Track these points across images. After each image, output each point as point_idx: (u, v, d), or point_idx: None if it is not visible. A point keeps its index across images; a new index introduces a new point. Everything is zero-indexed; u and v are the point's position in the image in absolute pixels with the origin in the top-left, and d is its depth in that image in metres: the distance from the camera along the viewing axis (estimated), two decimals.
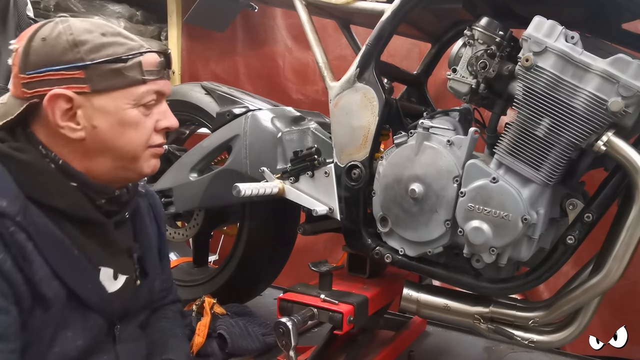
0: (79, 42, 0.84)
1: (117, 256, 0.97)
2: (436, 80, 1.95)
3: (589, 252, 1.19)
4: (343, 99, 1.33)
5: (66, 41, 0.84)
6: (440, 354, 1.66)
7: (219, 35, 2.79)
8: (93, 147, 0.88)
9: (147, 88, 0.90)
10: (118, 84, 0.87)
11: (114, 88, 0.87)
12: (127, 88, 0.88)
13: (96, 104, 0.86)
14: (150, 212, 1.13)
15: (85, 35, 0.85)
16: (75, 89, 0.84)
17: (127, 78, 0.87)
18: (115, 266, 0.95)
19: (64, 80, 0.84)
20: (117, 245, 0.97)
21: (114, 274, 0.94)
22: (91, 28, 0.87)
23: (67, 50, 0.84)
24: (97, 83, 0.85)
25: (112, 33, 0.88)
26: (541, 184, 1.08)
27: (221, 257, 2.79)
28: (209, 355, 1.49)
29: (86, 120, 0.86)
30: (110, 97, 0.87)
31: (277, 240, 1.75)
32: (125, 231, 1.01)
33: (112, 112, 0.87)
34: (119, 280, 0.96)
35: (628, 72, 0.98)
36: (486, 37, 1.14)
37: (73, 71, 0.84)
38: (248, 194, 1.28)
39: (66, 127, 0.85)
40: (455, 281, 1.23)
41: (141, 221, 1.07)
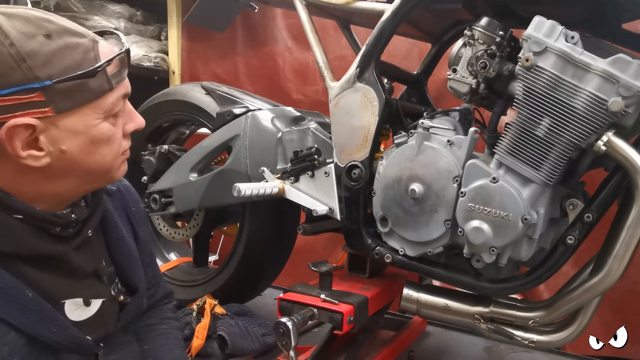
0: (25, 54, 0.68)
1: (85, 281, 0.85)
2: (436, 80, 1.95)
3: (589, 252, 1.19)
4: (343, 99, 1.33)
5: (8, 55, 0.68)
6: (440, 354, 1.66)
7: (219, 35, 2.79)
8: (59, 171, 0.76)
9: (115, 95, 0.78)
10: (86, 99, 0.74)
11: (82, 104, 0.74)
12: (95, 101, 0.75)
13: (62, 125, 0.73)
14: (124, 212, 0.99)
15: (29, 42, 0.69)
16: (35, 115, 0.70)
17: (93, 91, 0.74)
18: (84, 293, 0.84)
19: (18, 105, 0.69)
20: (81, 270, 0.84)
21: (84, 302, 0.84)
22: (30, 30, 0.70)
23: (14, 68, 0.68)
24: (61, 103, 0.72)
25: (58, 32, 0.72)
26: (541, 184, 1.08)
27: (221, 257, 2.79)
28: (209, 355, 1.49)
29: (51, 145, 0.73)
30: (78, 114, 0.74)
31: (277, 240, 1.75)
32: (90, 250, 0.87)
33: (82, 131, 0.75)
34: (92, 305, 0.85)
35: (628, 72, 0.98)
36: (486, 37, 1.14)
37: (28, 94, 0.69)
38: (248, 194, 1.28)
39: (28, 157, 0.72)
40: (455, 281, 1.23)
41: (113, 229, 0.93)
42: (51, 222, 0.78)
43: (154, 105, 1.86)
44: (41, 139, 0.73)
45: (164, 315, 1.13)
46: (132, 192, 1.05)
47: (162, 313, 1.13)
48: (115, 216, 0.95)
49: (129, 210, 1.01)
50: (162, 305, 1.16)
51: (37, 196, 0.77)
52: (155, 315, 1.12)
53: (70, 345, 0.80)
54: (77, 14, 2.73)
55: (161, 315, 1.12)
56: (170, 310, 1.16)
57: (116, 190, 0.99)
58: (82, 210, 0.85)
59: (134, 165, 1.94)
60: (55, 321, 0.78)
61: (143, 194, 1.77)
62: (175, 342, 1.09)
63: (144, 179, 1.80)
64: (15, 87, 0.68)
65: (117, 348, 0.93)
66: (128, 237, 0.97)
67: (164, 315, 1.13)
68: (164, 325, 1.10)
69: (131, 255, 0.96)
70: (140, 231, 1.03)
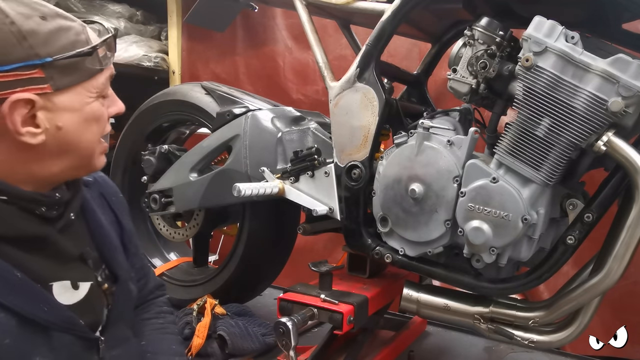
0: (27, 32, 0.72)
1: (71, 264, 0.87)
2: (436, 80, 1.95)
3: (589, 252, 1.19)
4: (343, 99, 1.33)
5: (9, 33, 0.71)
6: (440, 354, 1.66)
7: (219, 35, 2.79)
8: (52, 150, 0.79)
9: (105, 76, 0.83)
10: (81, 77, 0.79)
11: (77, 82, 0.78)
12: (89, 80, 0.80)
13: (59, 102, 0.77)
14: (102, 201, 1.00)
15: (27, 22, 0.73)
16: (34, 91, 0.74)
17: (88, 70, 0.79)
18: (71, 276, 0.85)
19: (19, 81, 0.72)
20: (67, 253, 0.86)
21: (72, 284, 0.85)
22: (26, 11, 0.74)
23: (15, 45, 0.72)
24: (59, 80, 0.76)
25: (51, 14, 0.77)
26: (541, 184, 1.08)
27: (221, 257, 2.79)
28: (209, 355, 1.49)
29: (48, 121, 0.77)
30: (73, 92, 0.79)
31: (277, 240, 1.75)
32: (74, 234, 0.89)
33: (78, 109, 0.79)
34: (81, 289, 0.86)
35: (628, 72, 0.98)
36: (486, 37, 1.14)
37: (29, 70, 0.73)
38: (248, 194, 1.28)
39: (27, 133, 0.75)
40: (455, 281, 1.23)
41: (93, 217, 0.95)
42: (37, 202, 0.80)
43: (154, 105, 1.86)
44: (39, 115, 0.76)
45: (159, 310, 1.13)
46: (109, 182, 1.07)
47: (157, 307, 1.14)
48: (93, 204, 0.97)
49: (109, 199, 1.03)
50: (155, 298, 1.16)
51: (24, 178, 0.79)
52: (150, 310, 1.12)
53: (62, 324, 0.81)
54: (77, 13, 2.73)
55: (156, 310, 1.13)
56: (164, 304, 1.16)
57: (92, 181, 1.01)
58: (64, 191, 0.87)
59: (134, 165, 1.95)
60: (45, 301, 0.80)
61: (143, 194, 1.78)
62: (172, 336, 1.09)
63: (144, 179, 1.80)
64: (17, 64, 0.72)
65: (118, 343, 0.93)
66: (107, 225, 0.98)
67: (158, 309, 1.13)
68: (159, 319, 1.11)
69: (111, 242, 0.97)
70: (124, 220, 1.04)
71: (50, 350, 0.80)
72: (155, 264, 1.95)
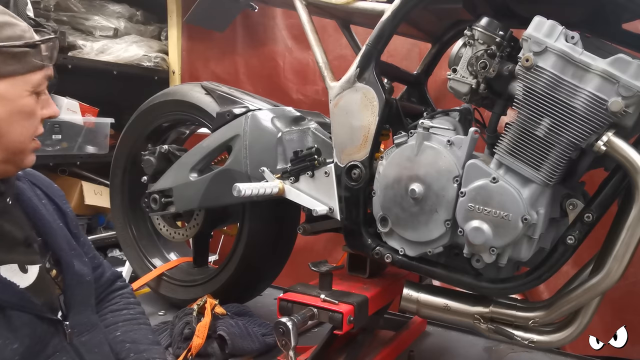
0: None
1: (15, 248, 0.87)
2: (436, 80, 1.95)
3: (589, 252, 1.19)
4: (343, 99, 1.33)
5: None
6: (440, 354, 1.66)
7: (219, 35, 2.79)
8: None
9: (43, 74, 0.85)
10: (21, 69, 0.80)
11: (15, 74, 0.80)
12: (27, 74, 0.82)
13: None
14: (36, 191, 1.01)
15: None
16: None
17: (29, 63, 0.81)
18: (18, 259, 0.86)
19: None
20: (11, 237, 0.87)
21: (20, 268, 0.86)
22: None
23: None
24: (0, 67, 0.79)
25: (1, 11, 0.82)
26: (541, 184, 1.08)
27: (221, 257, 2.79)
28: (209, 355, 1.49)
29: None
30: (10, 83, 0.80)
31: (277, 240, 1.75)
32: (13, 220, 0.90)
33: (11, 99, 0.80)
34: (30, 272, 0.87)
35: (628, 72, 0.98)
36: (486, 37, 1.14)
37: None
38: (248, 194, 1.28)
39: None
40: (455, 281, 1.23)
41: (29, 204, 0.95)
42: None
43: (154, 105, 1.86)
44: None
45: (127, 301, 1.15)
46: (39, 174, 1.08)
47: (124, 299, 1.15)
48: (28, 191, 0.97)
49: (45, 189, 1.03)
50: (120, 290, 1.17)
51: None
52: (118, 302, 1.14)
53: (17, 302, 0.82)
54: (77, 13, 2.73)
55: (124, 302, 1.14)
56: (130, 295, 1.18)
57: (22, 174, 1.01)
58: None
59: (133, 166, 1.95)
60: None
61: (143, 194, 1.78)
62: (146, 327, 1.12)
63: (144, 179, 1.80)
64: None
65: (85, 329, 0.95)
66: (45, 212, 0.98)
67: (126, 300, 1.15)
68: (130, 310, 1.13)
69: (51, 227, 0.97)
70: (64, 207, 1.05)
71: (9, 330, 0.80)
72: (155, 264, 1.95)
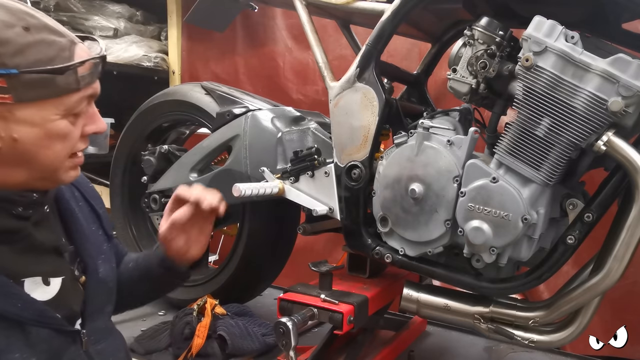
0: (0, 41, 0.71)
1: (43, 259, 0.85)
2: (436, 80, 1.95)
3: (589, 252, 1.19)
4: (343, 99, 1.33)
5: None
6: (440, 354, 1.66)
7: (219, 35, 2.79)
8: (9, 159, 0.77)
9: (80, 96, 0.79)
10: (48, 94, 0.75)
11: (43, 98, 0.75)
12: (57, 98, 0.76)
13: (18, 114, 0.74)
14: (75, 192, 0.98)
15: (6, 31, 0.71)
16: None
17: (58, 88, 0.75)
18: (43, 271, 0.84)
19: None
20: (41, 246, 0.84)
21: (43, 280, 0.83)
22: (11, 20, 0.72)
23: None
24: (23, 93, 0.73)
25: (38, 27, 0.74)
26: (541, 184, 1.08)
27: (221, 257, 2.79)
28: (209, 355, 1.49)
29: (4, 131, 0.74)
30: (37, 107, 0.75)
31: (277, 240, 1.75)
32: (48, 227, 0.88)
33: (38, 124, 0.76)
34: (52, 285, 0.84)
35: (628, 72, 0.98)
36: (486, 37, 1.14)
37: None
38: (248, 194, 1.28)
39: None
40: (455, 281, 1.23)
41: (67, 208, 0.93)
42: (14, 202, 0.79)
43: (154, 105, 1.86)
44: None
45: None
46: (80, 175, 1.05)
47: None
48: (67, 193, 0.95)
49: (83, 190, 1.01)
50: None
51: None
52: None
53: (37, 319, 0.80)
54: (77, 14, 2.73)
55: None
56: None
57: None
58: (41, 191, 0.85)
59: (133, 166, 1.95)
60: (19, 296, 0.78)
61: (143, 194, 1.78)
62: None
63: (144, 179, 1.80)
64: None
65: (102, 337, 0.93)
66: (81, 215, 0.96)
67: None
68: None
69: (83, 232, 0.95)
70: (100, 208, 1.02)
71: (28, 346, 0.79)
72: None
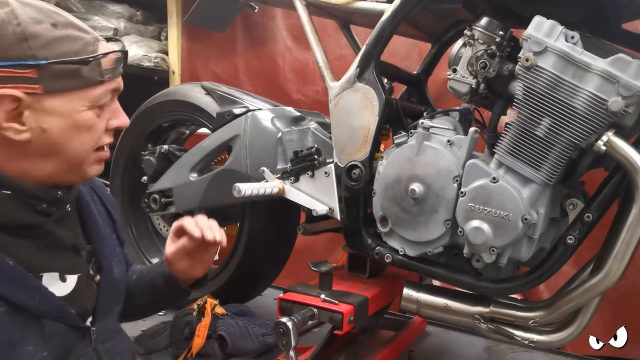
0: (29, 35, 0.75)
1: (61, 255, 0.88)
2: (436, 80, 1.95)
3: (589, 252, 1.19)
4: (343, 99, 1.33)
5: (13, 33, 0.74)
6: (440, 354, 1.66)
7: (219, 35, 2.79)
8: (38, 150, 0.80)
9: (104, 88, 0.83)
10: (74, 85, 0.79)
11: (70, 89, 0.79)
12: (83, 89, 0.80)
13: (47, 105, 0.78)
14: (94, 196, 1.01)
15: (35, 26, 0.76)
16: (24, 89, 0.75)
17: (84, 79, 0.80)
18: (60, 267, 0.86)
19: (11, 78, 0.75)
20: (61, 243, 0.87)
21: (60, 277, 0.86)
22: (39, 17, 0.77)
23: (14, 45, 0.74)
24: (51, 84, 0.77)
25: (64, 24, 0.79)
26: (541, 184, 1.08)
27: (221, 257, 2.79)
28: (209, 355, 1.49)
29: (34, 121, 0.78)
30: (65, 98, 0.79)
31: (277, 240, 1.75)
32: (69, 225, 0.91)
33: (66, 115, 0.80)
34: (68, 281, 0.87)
35: (628, 72, 0.98)
36: (486, 37, 1.14)
37: (23, 69, 0.75)
38: (248, 194, 1.28)
39: (10, 128, 0.77)
40: (455, 281, 1.23)
41: (86, 209, 0.97)
42: (39, 198, 0.82)
43: (154, 105, 1.86)
44: (25, 114, 0.77)
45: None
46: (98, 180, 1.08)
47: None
48: (87, 195, 0.98)
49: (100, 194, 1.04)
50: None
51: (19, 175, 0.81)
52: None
53: (54, 313, 0.82)
54: (77, 14, 2.73)
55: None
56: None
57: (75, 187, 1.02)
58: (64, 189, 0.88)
59: (133, 166, 1.95)
60: (37, 289, 0.81)
61: (143, 194, 1.78)
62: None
63: (144, 179, 1.80)
64: (12, 62, 0.74)
65: (110, 336, 0.96)
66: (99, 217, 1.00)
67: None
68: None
69: (101, 233, 0.98)
70: (116, 215, 1.06)
71: (42, 339, 0.81)
72: None
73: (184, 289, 1.09)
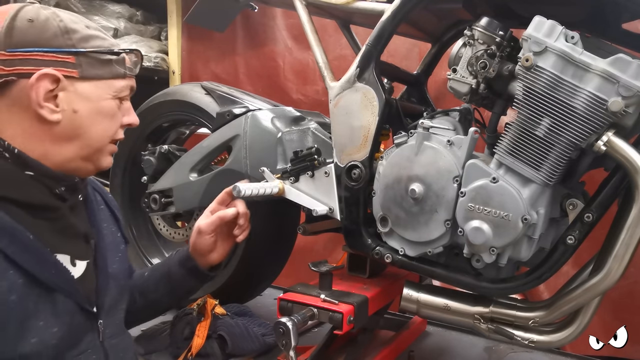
0: (70, 29, 0.88)
1: (73, 241, 0.94)
2: (436, 80, 1.95)
3: (589, 252, 1.19)
4: (343, 99, 1.33)
5: (57, 27, 0.87)
6: (440, 354, 1.66)
7: (219, 35, 2.79)
8: (64, 132, 0.89)
9: (125, 83, 0.95)
10: (104, 74, 0.91)
11: (100, 77, 0.91)
12: (111, 79, 0.93)
13: (80, 89, 0.89)
14: (97, 197, 1.09)
15: (73, 24, 0.89)
16: (63, 72, 0.86)
17: (113, 70, 0.92)
18: (71, 252, 0.92)
19: (53, 62, 0.86)
20: (74, 229, 0.95)
21: (71, 260, 0.92)
22: (75, 19, 0.91)
23: (58, 36, 0.86)
24: (86, 70, 0.89)
25: (94, 27, 0.94)
26: (541, 184, 1.08)
27: None
28: (209, 355, 1.49)
29: (67, 103, 0.88)
30: (95, 85, 0.91)
31: (277, 240, 1.75)
32: (80, 214, 0.99)
33: (94, 100, 0.91)
34: (78, 266, 0.93)
35: (628, 72, 0.98)
36: (486, 37, 1.14)
37: (64, 55, 0.87)
38: (248, 194, 1.28)
39: (46, 107, 0.86)
40: (455, 281, 1.23)
41: (91, 207, 1.04)
42: (59, 180, 0.90)
43: (154, 105, 1.86)
44: (60, 96, 0.87)
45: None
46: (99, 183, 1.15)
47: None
48: (90, 195, 1.05)
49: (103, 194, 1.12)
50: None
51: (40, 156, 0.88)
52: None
53: (68, 288, 0.88)
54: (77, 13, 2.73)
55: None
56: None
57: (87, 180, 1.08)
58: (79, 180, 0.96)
59: (133, 166, 1.95)
60: (54, 264, 0.87)
61: (143, 194, 1.78)
62: None
63: (144, 179, 1.80)
64: (56, 48, 0.86)
65: (116, 332, 1.01)
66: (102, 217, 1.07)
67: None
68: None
69: (102, 231, 1.04)
70: (118, 214, 1.13)
71: (53, 315, 0.85)
72: None
73: (201, 271, 1.19)
